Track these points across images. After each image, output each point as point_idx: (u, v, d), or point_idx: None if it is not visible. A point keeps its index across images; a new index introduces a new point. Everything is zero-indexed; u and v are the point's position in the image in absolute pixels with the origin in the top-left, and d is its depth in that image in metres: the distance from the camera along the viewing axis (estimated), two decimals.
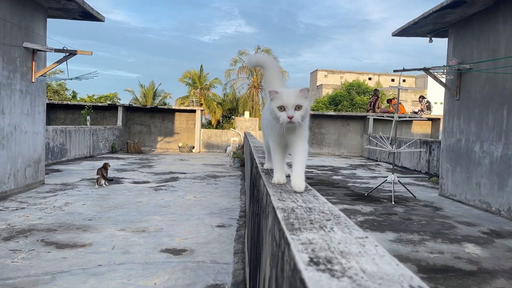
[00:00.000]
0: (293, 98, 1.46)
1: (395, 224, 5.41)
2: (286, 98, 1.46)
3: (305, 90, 1.50)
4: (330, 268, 0.61)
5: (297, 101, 1.46)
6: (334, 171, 11.35)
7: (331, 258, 0.66)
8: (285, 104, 1.46)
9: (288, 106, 1.46)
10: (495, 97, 6.40)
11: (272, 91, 1.51)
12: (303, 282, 0.56)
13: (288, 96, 1.46)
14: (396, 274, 0.59)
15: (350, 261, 0.64)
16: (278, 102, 1.48)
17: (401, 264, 0.63)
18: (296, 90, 1.49)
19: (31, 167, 7.12)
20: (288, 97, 1.46)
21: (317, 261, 0.64)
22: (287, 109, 1.46)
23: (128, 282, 3.21)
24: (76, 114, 16.93)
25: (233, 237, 4.60)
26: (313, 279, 0.56)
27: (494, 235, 5.06)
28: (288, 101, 1.46)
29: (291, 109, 1.46)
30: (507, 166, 6.04)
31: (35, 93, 7.23)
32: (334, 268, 0.61)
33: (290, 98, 1.46)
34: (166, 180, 8.69)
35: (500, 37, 6.37)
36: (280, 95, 1.48)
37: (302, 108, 1.47)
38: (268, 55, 2.09)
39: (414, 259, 4.01)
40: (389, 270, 0.60)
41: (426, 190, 8.62)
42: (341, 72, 53.79)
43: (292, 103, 1.45)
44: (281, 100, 1.47)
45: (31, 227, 4.69)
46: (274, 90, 1.51)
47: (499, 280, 3.54)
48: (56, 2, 7.02)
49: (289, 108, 1.46)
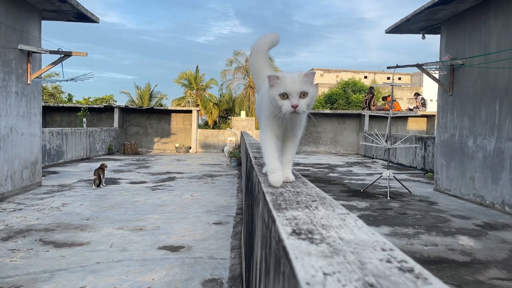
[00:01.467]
0: (297, 84, 1.26)
1: (390, 219, 5.46)
2: (289, 84, 1.26)
3: (310, 74, 1.29)
4: (310, 237, 0.66)
5: (302, 87, 1.27)
6: (330, 169, 11.41)
7: (313, 230, 0.70)
8: (289, 90, 1.26)
9: (292, 93, 1.26)
10: (488, 91, 6.47)
11: (272, 75, 1.30)
12: (285, 249, 0.61)
13: (292, 81, 1.27)
14: (371, 240, 0.63)
15: (330, 232, 0.69)
16: (280, 88, 1.28)
17: (377, 233, 0.67)
18: (301, 74, 1.29)
19: (28, 168, 7.13)
20: (292, 82, 1.27)
21: (299, 232, 0.69)
22: (290, 97, 1.27)
23: (127, 278, 3.25)
24: (72, 116, 16.92)
25: (230, 233, 4.64)
26: (294, 245, 0.60)
27: (488, 227, 5.13)
28: (292, 87, 1.26)
29: (295, 97, 1.26)
30: (500, 159, 6.12)
31: (31, 95, 7.24)
32: (314, 237, 0.65)
33: (294, 84, 1.26)
34: (163, 180, 8.72)
35: (491, 32, 6.45)
36: (282, 80, 1.28)
37: (307, 96, 1.28)
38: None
39: (408, 251, 4.06)
40: (365, 238, 0.65)
41: (422, 185, 8.69)
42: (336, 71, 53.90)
43: (296, 90, 1.26)
44: (284, 86, 1.27)
45: (29, 227, 4.72)
46: (274, 74, 1.31)
47: (492, 270, 3.60)
48: (50, 4, 7.04)
49: (293, 95, 1.26)
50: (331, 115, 18.13)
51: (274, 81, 1.30)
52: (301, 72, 1.29)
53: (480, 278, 3.38)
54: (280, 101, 1.28)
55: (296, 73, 1.30)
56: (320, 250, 0.59)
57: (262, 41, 1.79)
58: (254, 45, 1.80)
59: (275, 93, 1.29)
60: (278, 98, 1.29)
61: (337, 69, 54.46)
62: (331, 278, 0.47)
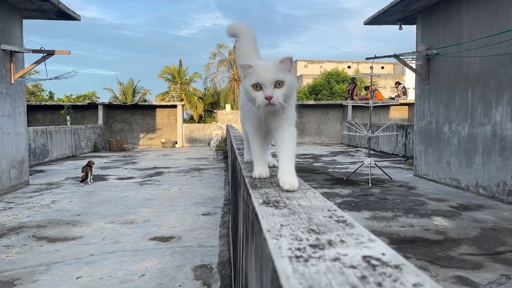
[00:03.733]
0: (271, 72, 1.15)
1: (371, 204, 5.73)
2: (262, 73, 1.16)
3: (287, 60, 1.17)
4: (276, 205, 0.85)
5: (276, 75, 1.15)
6: (315, 159, 11.68)
7: (279, 200, 0.90)
8: (261, 80, 1.16)
9: (265, 84, 1.16)
10: (461, 80, 6.77)
11: (244, 64, 1.20)
12: (256, 213, 0.80)
13: (265, 69, 1.16)
14: (322, 205, 0.83)
15: (292, 201, 0.89)
16: (253, 78, 1.18)
17: (328, 201, 0.87)
18: (276, 60, 1.17)
19: (15, 168, 7.18)
20: (264, 71, 1.16)
21: (268, 202, 0.88)
22: (264, 87, 1.16)
23: (120, 267, 3.42)
24: (55, 114, 16.81)
25: (218, 223, 4.84)
26: (262, 210, 0.80)
27: (462, 208, 5.44)
28: (264, 76, 1.15)
29: (269, 87, 1.16)
30: (473, 144, 6.44)
31: (15, 95, 7.26)
32: (279, 205, 0.85)
33: (268, 73, 1.15)
34: (151, 175, 8.85)
35: (463, 22, 6.73)
36: (254, 69, 1.18)
37: (284, 85, 1.17)
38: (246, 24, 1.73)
39: (386, 233, 4.33)
40: (318, 204, 0.84)
41: (402, 171, 9.01)
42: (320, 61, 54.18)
43: (270, 79, 1.15)
44: (256, 76, 1.17)
45: (21, 224, 4.82)
46: (246, 63, 1.20)
47: (462, 247, 3.88)
48: (31, 3, 7.04)
49: (266, 85, 1.16)
50: (315, 106, 18.40)
51: (247, 70, 1.19)
52: (276, 58, 1.17)
53: (451, 254, 3.65)
54: (254, 93, 1.18)
55: (270, 60, 1.19)
56: (281, 212, 0.78)
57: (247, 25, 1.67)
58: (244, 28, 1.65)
59: (248, 84, 1.19)
60: (251, 89, 1.18)
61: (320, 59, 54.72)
62: (286, 227, 0.67)
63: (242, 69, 1.21)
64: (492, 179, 5.99)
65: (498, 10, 5.87)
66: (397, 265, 0.49)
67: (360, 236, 0.61)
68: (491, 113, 6.02)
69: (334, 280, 0.45)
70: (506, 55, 5.63)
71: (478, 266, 3.36)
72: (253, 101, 1.19)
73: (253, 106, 1.21)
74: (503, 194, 5.76)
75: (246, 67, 1.19)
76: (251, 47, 1.60)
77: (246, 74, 1.20)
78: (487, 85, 6.10)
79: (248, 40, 1.60)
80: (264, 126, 1.31)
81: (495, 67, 5.91)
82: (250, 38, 1.61)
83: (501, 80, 5.79)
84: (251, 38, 1.62)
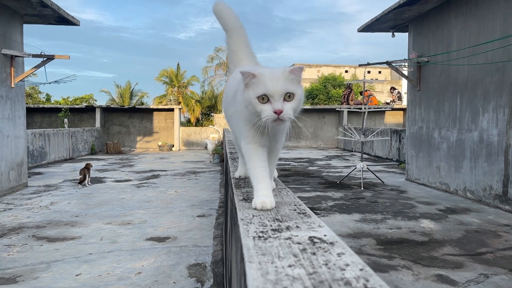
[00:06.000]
0: (281, 83, 1.02)
1: (362, 207, 5.90)
2: (270, 83, 1.01)
3: (297, 70, 1.04)
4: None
5: (287, 86, 1.02)
6: (310, 163, 11.86)
7: None
8: (270, 92, 1.01)
9: (274, 95, 1.02)
10: (450, 87, 6.98)
11: (247, 72, 1.04)
12: (235, 207, 0.97)
13: (274, 79, 1.02)
14: (290, 201, 1.00)
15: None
16: (258, 89, 1.02)
17: (297, 198, 1.04)
18: (285, 70, 1.04)
19: (14, 170, 7.32)
20: (273, 81, 1.02)
21: (247, 198, 1.05)
22: (272, 100, 1.02)
23: (118, 266, 3.57)
24: (53, 117, 16.93)
25: (212, 224, 5.00)
26: (240, 204, 0.96)
27: (449, 211, 5.62)
28: (273, 87, 1.01)
29: (278, 100, 1.02)
30: (461, 149, 6.63)
31: (15, 98, 7.41)
32: None
33: (277, 83, 1.01)
34: (148, 177, 9.00)
35: (452, 31, 6.94)
36: (260, 78, 1.03)
37: (294, 98, 1.04)
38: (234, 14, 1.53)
39: (374, 234, 4.50)
40: (287, 200, 1.01)
41: (395, 176, 9.20)
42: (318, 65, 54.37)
43: (280, 90, 1.01)
44: (263, 87, 1.02)
45: (21, 225, 4.97)
46: (249, 71, 1.04)
47: (446, 247, 4.05)
48: (32, 9, 7.21)
49: (275, 98, 1.02)
50: (311, 110, 18.61)
51: (249, 80, 1.04)
52: (285, 68, 1.04)
53: (434, 255, 3.83)
54: (259, 106, 1.03)
55: (279, 68, 1.05)
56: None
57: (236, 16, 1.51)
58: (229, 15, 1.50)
59: (252, 96, 1.03)
60: (256, 102, 1.03)
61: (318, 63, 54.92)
62: (256, 217, 0.84)
63: (244, 77, 1.05)
64: (479, 184, 6.18)
65: (485, 20, 6.09)
66: (332, 242, 0.66)
67: (312, 223, 0.78)
68: (478, 120, 6.22)
69: (282, 250, 0.62)
70: (492, 64, 5.84)
71: (458, 266, 3.53)
72: (258, 115, 1.04)
73: (258, 121, 1.05)
74: (489, 198, 5.95)
75: (248, 76, 1.04)
76: (243, 43, 1.45)
77: (248, 84, 1.04)
78: (475, 93, 6.31)
79: (239, 35, 1.46)
80: (266, 142, 1.14)
81: (482, 75, 6.12)
82: (241, 33, 1.47)
83: (488, 88, 6.00)
84: (241, 32, 1.47)
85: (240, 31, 1.49)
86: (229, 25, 1.48)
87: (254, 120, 1.06)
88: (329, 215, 5.39)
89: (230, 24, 1.48)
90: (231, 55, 1.49)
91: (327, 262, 0.57)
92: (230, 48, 1.48)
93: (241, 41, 1.46)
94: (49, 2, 6.94)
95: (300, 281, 0.51)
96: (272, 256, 0.59)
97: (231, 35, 1.48)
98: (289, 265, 0.56)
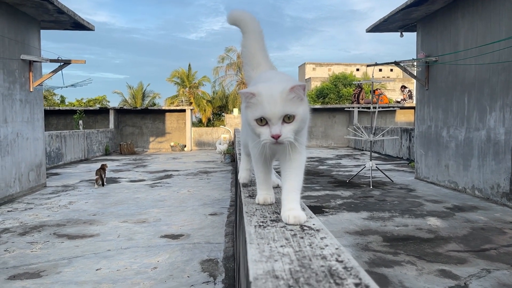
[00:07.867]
0: (279, 105, 0.95)
1: (370, 205, 6.02)
2: (268, 106, 0.95)
3: (298, 87, 0.96)
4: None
5: (285, 108, 0.95)
6: (320, 162, 11.97)
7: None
8: (267, 115, 0.96)
9: (271, 119, 0.96)
10: (457, 86, 7.04)
11: (246, 92, 0.99)
12: (241, 202, 1.13)
13: (271, 101, 0.95)
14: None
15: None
16: (256, 111, 0.97)
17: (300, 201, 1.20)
18: (285, 88, 0.96)
19: (33, 171, 7.61)
20: (271, 103, 0.95)
21: (252, 195, 1.21)
22: (270, 123, 0.96)
23: (135, 261, 3.78)
24: (68, 119, 17.35)
25: (224, 222, 5.18)
26: (246, 200, 1.13)
27: (457, 209, 5.70)
28: (271, 110, 0.95)
29: (276, 123, 0.96)
30: (469, 148, 6.70)
31: (34, 102, 7.70)
32: None
33: (275, 105, 0.95)
34: (161, 177, 9.23)
35: (459, 31, 7.00)
36: (258, 98, 0.97)
37: (295, 119, 0.97)
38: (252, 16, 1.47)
39: (381, 231, 4.62)
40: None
41: (405, 174, 9.27)
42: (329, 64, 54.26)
43: (278, 113, 0.95)
44: (261, 109, 0.96)
45: (42, 223, 5.22)
46: (248, 90, 0.99)
47: (451, 244, 4.16)
48: (49, 15, 7.49)
49: (273, 121, 0.96)
50: (322, 109, 18.69)
51: (249, 100, 0.99)
52: (286, 86, 0.96)
53: (439, 251, 3.94)
54: (258, 129, 0.98)
55: (279, 86, 0.97)
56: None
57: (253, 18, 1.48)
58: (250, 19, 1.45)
59: (250, 118, 0.99)
60: (254, 124, 0.99)
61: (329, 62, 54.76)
62: (259, 211, 1.00)
63: (244, 97, 1.02)
64: (487, 182, 6.24)
65: (491, 20, 6.15)
66: (318, 229, 0.82)
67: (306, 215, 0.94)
68: (486, 119, 6.28)
69: (277, 235, 0.78)
70: (499, 63, 5.90)
71: (462, 261, 3.65)
72: (257, 137, 1.00)
73: (258, 141, 1.01)
74: (497, 196, 6.02)
75: (248, 95, 0.99)
76: (260, 46, 1.42)
77: (248, 104, 1.00)
78: (482, 92, 6.37)
79: (256, 38, 1.41)
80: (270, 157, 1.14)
81: (489, 75, 6.18)
82: (258, 36, 1.42)
83: (495, 87, 6.06)
84: (259, 35, 1.42)
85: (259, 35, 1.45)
86: (249, 27, 1.43)
87: (255, 138, 1.04)
88: (337, 213, 5.52)
89: (251, 27, 1.43)
90: (248, 57, 1.44)
91: (311, 243, 0.73)
92: (248, 50, 1.43)
93: (260, 45, 1.43)
94: (65, 8, 7.21)
95: (288, 256, 0.67)
96: (268, 239, 0.76)
97: (248, 36, 1.43)
98: (281, 246, 0.72)
